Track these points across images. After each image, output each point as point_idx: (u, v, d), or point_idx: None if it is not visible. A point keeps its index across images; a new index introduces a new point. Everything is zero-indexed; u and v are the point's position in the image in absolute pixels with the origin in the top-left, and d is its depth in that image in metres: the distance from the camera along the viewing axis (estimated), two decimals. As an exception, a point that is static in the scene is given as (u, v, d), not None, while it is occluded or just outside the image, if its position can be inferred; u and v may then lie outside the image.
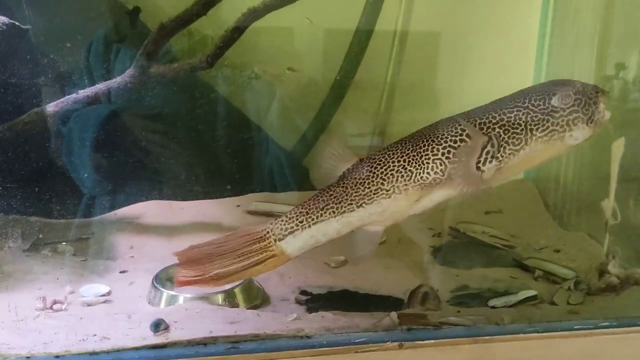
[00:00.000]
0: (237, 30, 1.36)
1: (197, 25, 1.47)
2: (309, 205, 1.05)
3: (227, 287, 1.23)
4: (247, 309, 1.20)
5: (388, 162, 1.02)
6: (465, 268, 1.48)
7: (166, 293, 1.21)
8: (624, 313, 1.14)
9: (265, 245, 1.06)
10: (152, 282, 1.25)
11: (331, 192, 1.05)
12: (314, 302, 1.29)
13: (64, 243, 1.49)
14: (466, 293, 1.33)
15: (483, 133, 0.98)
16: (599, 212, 1.41)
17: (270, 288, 1.34)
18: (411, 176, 1.01)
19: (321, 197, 1.05)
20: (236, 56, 1.71)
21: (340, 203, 1.03)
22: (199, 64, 1.40)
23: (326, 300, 1.30)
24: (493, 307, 1.25)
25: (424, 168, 1.00)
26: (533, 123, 0.96)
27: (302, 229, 1.04)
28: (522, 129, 0.97)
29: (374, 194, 1.03)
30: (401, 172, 1.01)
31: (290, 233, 1.05)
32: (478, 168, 0.99)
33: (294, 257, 1.07)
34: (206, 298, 1.19)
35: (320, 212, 1.04)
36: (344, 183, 1.04)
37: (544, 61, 1.93)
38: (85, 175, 1.76)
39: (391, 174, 1.02)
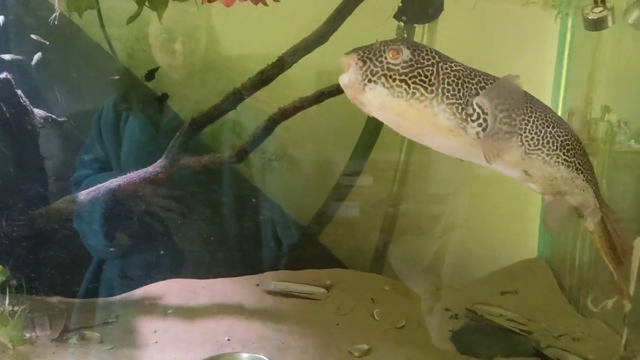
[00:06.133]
0: (267, 129, 1.40)
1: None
2: None
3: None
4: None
5: None
6: (486, 358, 1.50)
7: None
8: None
9: None
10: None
11: None
12: (341, 399, 1.30)
13: (91, 329, 1.50)
14: (492, 391, 1.35)
15: None
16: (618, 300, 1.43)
17: (296, 382, 1.36)
18: None
19: None
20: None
21: None
22: (228, 158, 1.44)
23: (353, 397, 1.32)
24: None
25: None
26: None
27: None
28: None
29: None
30: None
31: None
32: None
33: None
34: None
35: None
36: None
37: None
38: (107, 250, 1.80)
39: None
